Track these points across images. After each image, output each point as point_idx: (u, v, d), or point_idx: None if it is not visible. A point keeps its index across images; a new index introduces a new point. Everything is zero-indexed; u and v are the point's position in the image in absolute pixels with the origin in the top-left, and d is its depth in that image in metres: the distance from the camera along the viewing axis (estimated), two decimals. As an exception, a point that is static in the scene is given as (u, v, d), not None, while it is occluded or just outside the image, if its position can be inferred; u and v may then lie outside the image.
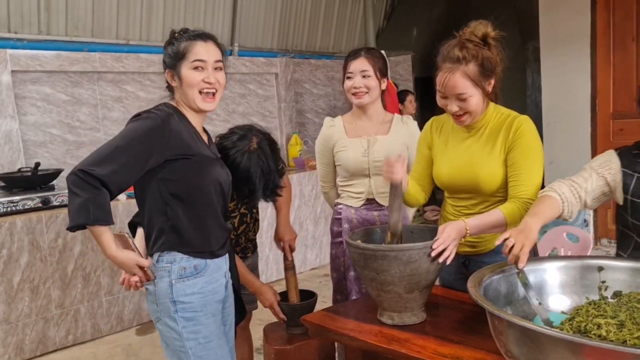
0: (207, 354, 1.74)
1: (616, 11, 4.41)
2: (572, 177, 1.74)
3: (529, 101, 5.92)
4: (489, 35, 1.73)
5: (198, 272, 1.73)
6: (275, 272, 4.75)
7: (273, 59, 5.41)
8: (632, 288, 1.58)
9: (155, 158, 1.63)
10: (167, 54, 1.76)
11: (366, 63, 2.25)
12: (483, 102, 1.77)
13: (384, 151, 2.26)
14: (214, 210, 1.77)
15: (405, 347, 1.54)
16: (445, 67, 1.72)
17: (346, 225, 2.38)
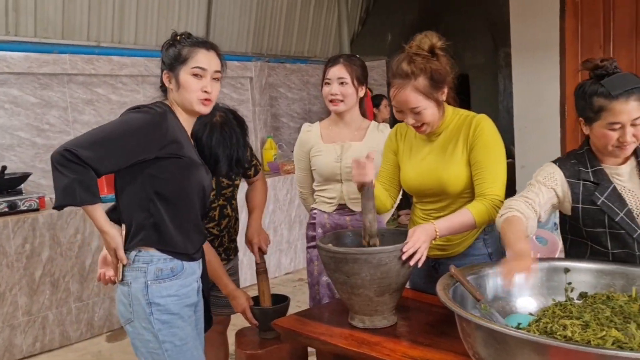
0: (183, 356, 1.73)
1: (584, 19, 4.51)
2: (523, 194, 1.73)
3: (501, 107, 6.01)
4: (436, 46, 1.74)
5: (174, 274, 1.71)
6: (249, 277, 4.71)
7: (248, 62, 5.39)
8: (597, 289, 1.61)
9: (146, 153, 1.63)
10: (167, 55, 1.76)
11: (344, 70, 2.26)
12: (439, 111, 1.79)
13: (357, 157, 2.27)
14: (195, 213, 1.78)
15: (376, 350, 1.54)
16: (395, 83, 1.75)
17: (320, 230, 2.40)
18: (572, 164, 1.73)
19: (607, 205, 1.66)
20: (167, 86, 1.76)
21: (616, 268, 1.62)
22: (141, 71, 4.51)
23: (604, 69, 1.65)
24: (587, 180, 1.69)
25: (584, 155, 1.73)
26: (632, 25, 4.27)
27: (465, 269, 1.61)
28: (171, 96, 1.77)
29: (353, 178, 1.76)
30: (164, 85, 1.78)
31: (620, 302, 1.50)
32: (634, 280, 1.58)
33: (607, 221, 1.66)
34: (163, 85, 1.79)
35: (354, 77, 2.27)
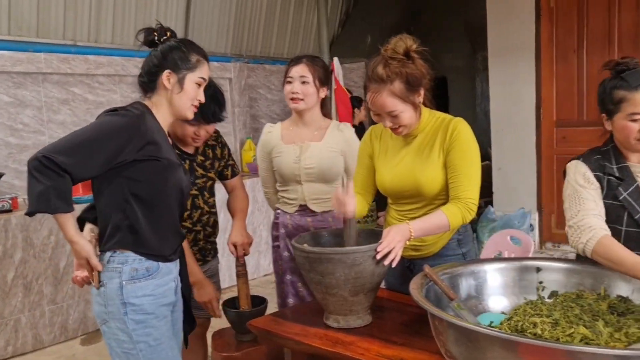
0: (157, 356, 1.72)
1: (559, 24, 4.59)
2: (585, 207, 1.68)
3: (479, 110, 6.07)
4: (411, 49, 1.75)
5: (150, 274, 1.71)
6: (227, 278, 4.69)
7: (227, 63, 5.37)
8: (568, 288, 1.64)
9: (124, 156, 1.62)
10: (171, 56, 1.74)
11: (306, 70, 2.29)
12: (415, 113, 1.81)
13: (316, 158, 2.31)
14: (172, 215, 1.77)
15: (350, 350, 1.55)
16: (372, 87, 1.76)
17: (282, 230, 2.42)
18: (596, 159, 1.77)
19: (628, 201, 1.68)
20: (165, 84, 1.74)
21: (586, 267, 1.65)
22: (118, 71, 4.46)
23: (624, 65, 1.70)
24: (612, 175, 1.72)
25: (609, 152, 1.77)
26: (605, 30, 4.37)
27: (439, 268, 1.63)
28: (162, 96, 1.75)
29: (335, 214, 1.77)
30: (150, 82, 1.75)
31: (590, 300, 1.53)
32: (602, 279, 1.61)
33: (625, 219, 1.68)
34: (149, 82, 1.76)
35: (316, 77, 2.29)
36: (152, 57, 1.76)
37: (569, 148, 4.65)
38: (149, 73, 1.76)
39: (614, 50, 4.32)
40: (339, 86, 4.84)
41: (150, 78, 1.76)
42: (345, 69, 5.58)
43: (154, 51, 1.77)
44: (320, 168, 2.31)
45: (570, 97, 4.60)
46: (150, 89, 1.77)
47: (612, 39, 4.33)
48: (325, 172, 2.32)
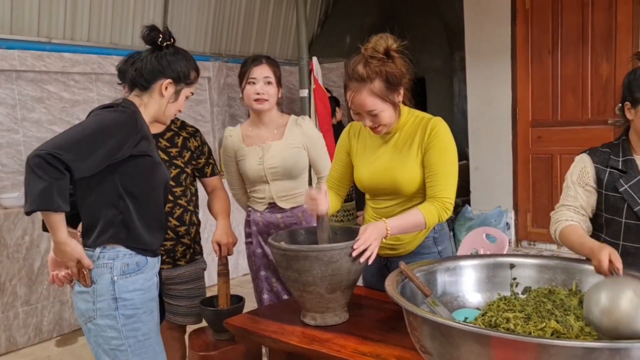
0: (145, 351, 1.73)
1: (534, 25, 4.66)
2: (563, 201, 1.85)
3: (456, 109, 6.14)
4: (391, 48, 1.75)
5: (140, 268, 1.72)
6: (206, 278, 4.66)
7: (206, 62, 5.33)
8: (541, 284, 1.67)
9: (123, 152, 1.63)
10: (176, 69, 1.78)
11: (269, 70, 2.30)
12: (395, 112, 1.81)
13: (278, 157, 2.33)
14: (160, 209, 1.81)
15: (326, 347, 1.56)
16: (352, 86, 1.76)
17: (254, 227, 2.45)
18: (603, 152, 1.84)
19: (629, 193, 1.72)
20: (162, 92, 1.77)
21: (558, 263, 1.69)
22: (94, 69, 4.40)
23: None
24: (615, 168, 1.78)
25: (619, 145, 1.83)
26: (579, 31, 4.45)
27: (415, 265, 1.64)
28: (153, 99, 1.78)
29: (308, 211, 1.78)
30: (147, 82, 1.76)
31: (561, 295, 1.56)
32: (574, 275, 1.65)
33: (625, 211, 1.73)
34: (146, 83, 1.77)
35: (277, 77, 2.33)
36: (154, 60, 1.78)
37: (544, 148, 4.73)
38: (149, 74, 1.77)
39: (588, 50, 4.41)
40: (318, 86, 4.85)
41: (147, 78, 1.78)
42: (324, 69, 5.60)
43: (157, 54, 1.79)
44: (284, 166, 2.33)
45: (545, 98, 4.68)
46: (144, 88, 1.78)
47: (585, 40, 4.42)
48: (289, 169, 2.35)
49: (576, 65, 4.48)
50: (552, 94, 4.63)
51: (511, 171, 4.89)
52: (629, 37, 4.20)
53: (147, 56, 1.80)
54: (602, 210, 1.81)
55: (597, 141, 4.65)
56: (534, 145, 4.79)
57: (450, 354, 1.22)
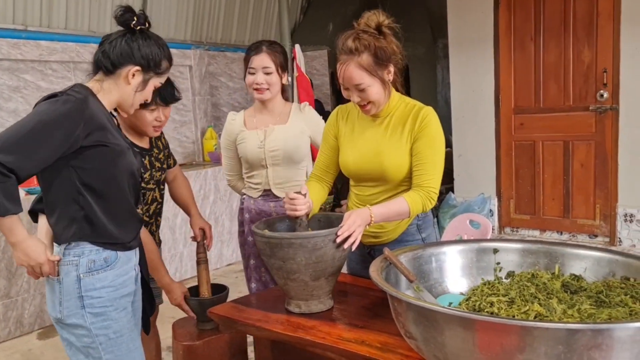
0: (118, 349, 1.68)
1: (517, 12, 4.67)
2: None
3: (440, 97, 6.15)
4: (383, 24, 1.77)
5: (108, 264, 1.66)
6: (190, 269, 4.63)
7: (186, 50, 5.26)
8: (524, 268, 1.68)
9: (71, 145, 1.54)
10: (147, 55, 1.66)
11: (268, 59, 2.28)
12: (384, 91, 1.80)
13: (280, 140, 2.32)
14: (127, 200, 1.72)
15: (311, 334, 1.55)
16: (341, 59, 1.76)
17: (247, 215, 2.45)
18: None
19: None
20: (129, 79, 1.66)
21: (540, 247, 1.69)
22: (72, 57, 4.32)
23: None
24: None
25: None
26: (561, 19, 4.46)
27: (399, 251, 1.64)
28: (117, 85, 1.67)
29: (286, 212, 1.77)
30: (113, 67, 1.65)
31: (544, 279, 1.56)
32: (556, 259, 1.65)
33: None
34: (112, 67, 1.65)
35: (278, 65, 2.30)
36: (124, 44, 1.66)
37: (527, 135, 4.76)
38: (119, 58, 1.65)
39: (569, 37, 4.43)
40: (300, 73, 4.82)
41: (113, 62, 1.65)
42: (307, 57, 5.55)
43: (128, 37, 1.67)
44: (285, 149, 2.32)
45: (528, 85, 4.70)
46: (109, 72, 1.67)
47: (567, 27, 4.43)
48: (290, 154, 2.33)
49: (558, 52, 4.51)
50: (535, 81, 4.65)
51: (494, 158, 4.92)
52: (610, 24, 4.22)
53: (116, 39, 1.67)
54: None
55: (579, 128, 4.74)
56: (516, 132, 4.81)
57: (434, 338, 1.22)
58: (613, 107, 4.30)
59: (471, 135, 5.01)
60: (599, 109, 4.37)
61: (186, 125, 5.37)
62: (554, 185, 4.67)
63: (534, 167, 4.73)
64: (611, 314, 1.32)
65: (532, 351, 1.09)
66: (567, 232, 4.68)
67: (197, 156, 5.44)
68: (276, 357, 1.74)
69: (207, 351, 2.11)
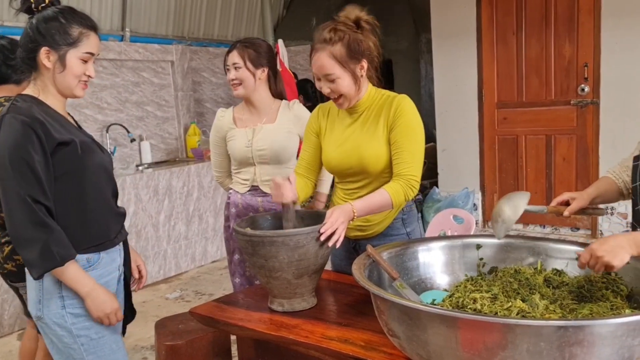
0: (101, 349, 1.66)
1: (499, 7, 4.68)
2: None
3: (423, 92, 6.15)
4: (362, 19, 1.77)
5: (90, 264, 1.63)
6: (174, 266, 4.60)
7: (168, 46, 5.20)
8: (507, 263, 1.68)
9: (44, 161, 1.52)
10: (48, 31, 1.54)
11: (237, 56, 2.32)
12: (355, 85, 1.79)
13: (268, 140, 2.34)
14: (104, 197, 1.68)
15: (294, 333, 1.53)
16: (315, 47, 1.77)
17: (233, 209, 2.46)
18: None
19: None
20: (45, 64, 1.57)
21: (523, 242, 1.70)
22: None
23: None
24: None
25: None
26: (542, 13, 4.49)
27: (382, 248, 1.63)
28: (45, 77, 1.59)
29: (272, 198, 1.76)
30: (29, 59, 1.57)
31: (527, 274, 1.56)
32: (539, 254, 1.66)
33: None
34: (29, 60, 1.58)
35: (246, 60, 2.31)
36: (28, 30, 1.56)
37: (510, 129, 4.79)
38: (26, 49, 1.56)
39: (551, 32, 4.45)
40: (284, 68, 4.78)
41: (28, 55, 1.57)
42: (290, 52, 5.52)
43: (29, 22, 1.57)
44: (272, 149, 2.33)
45: (510, 79, 4.72)
46: (32, 67, 1.60)
47: (549, 22, 4.46)
48: (278, 154, 2.34)
49: (540, 47, 4.53)
50: (517, 76, 4.68)
51: (478, 153, 4.94)
52: (591, 19, 4.26)
53: (24, 29, 1.58)
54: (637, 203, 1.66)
55: (560, 122, 4.78)
56: (499, 126, 4.84)
57: (417, 336, 1.22)
58: (594, 101, 4.34)
59: (455, 129, 5.02)
60: (580, 103, 4.40)
61: (169, 121, 5.31)
62: (537, 179, 4.71)
63: (517, 161, 4.76)
64: (592, 309, 1.32)
65: (514, 348, 1.09)
66: (549, 225, 4.72)
67: (180, 153, 5.38)
68: (260, 356, 1.73)
69: (190, 350, 2.10)
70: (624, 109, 4.22)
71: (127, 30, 4.88)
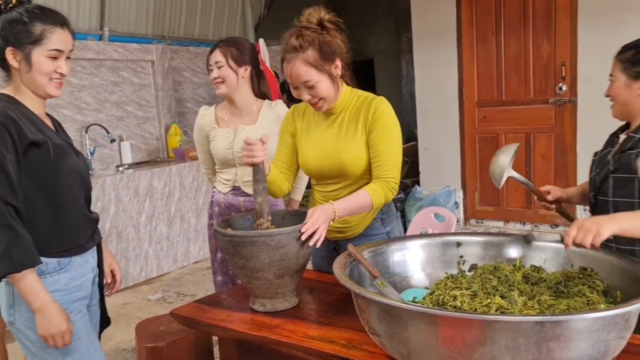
0: (77, 352, 1.63)
1: (478, 7, 4.73)
2: None
3: (404, 91, 6.18)
4: (324, 20, 1.76)
5: (61, 267, 1.61)
6: (155, 267, 4.56)
7: (148, 45, 5.15)
8: (486, 260, 1.69)
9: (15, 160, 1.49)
10: (12, 31, 1.53)
11: (219, 54, 2.32)
12: (333, 86, 1.79)
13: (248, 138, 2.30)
14: (77, 202, 1.65)
15: (276, 333, 1.53)
16: (287, 57, 1.75)
17: (216, 208, 2.47)
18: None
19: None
20: (12, 64, 1.55)
21: (502, 240, 1.71)
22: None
23: None
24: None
25: None
26: (520, 13, 4.54)
27: (363, 246, 1.64)
28: (16, 77, 1.58)
29: (242, 159, 1.73)
30: (2, 61, 1.56)
31: (506, 271, 1.58)
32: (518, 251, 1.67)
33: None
34: (3, 63, 1.57)
35: (228, 58, 2.30)
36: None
37: (490, 127, 4.84)
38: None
39: (529, 31, 4.51)
40: (265, 68, 4.77)
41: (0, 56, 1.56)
42: (271, 51, 5.51)
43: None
44: None
45: (490, 78, 4.77)
46: (4, 68, 1.59)
47: (527, 21, 4.51)
48: None
49: (519, 47, 4.58)
50: (497, 75, 4.73)
51: (459, 151, 4.98)
52: (568, 18, 4.32)
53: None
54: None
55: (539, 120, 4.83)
56: (480, 125, 4.89)
57: (398, 334, 1.22)
58: (571, 100, 4.40)
59: (436, 128, 5.06)
60: (558, 102, 4.47)
61: (149, 121, 5.26)
62: (517, 176, 4.76)
63: (497, 159, 4.80)
64: (569, 304, 1.35)
65: (492, 344, 1.10)
66: (529, 222, 4.79)
67: (162, 153, 5.34)
68: (242, 357, 1.72)
69: (171, 352, 2.08)
70: (601, 108, 4.23)
71: (106, 30, 4.83)
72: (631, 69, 1.69)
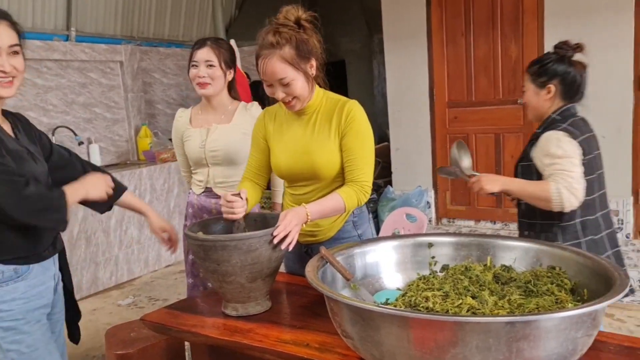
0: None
1: (448, 9, 4.78)
2: None
3: (376, 92, 6.21)
4: (302, 18, 1.75)
5: (18, 275, 1.56)
6: (126, 272, 4.48)
7: (117, 45, 5.06)
8: (457, 261, 1.71)
9: None
10: None
11: (211, 53, 2.25)
12: (308, 85, 1.79)
13: (221, 141, 2.31)
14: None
15: (248, 338, 1.52)
16: (262, 54, 1.73)
17: (190, 209, 2.46)
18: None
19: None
20: None
21: (473, 240, 1.73)
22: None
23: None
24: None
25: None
26: (489, 15, 4.61)
27: (335, 249, 1.63)
28: None
29: (224, 214, 1.73)
30: None
31: (477, 271, 1.60)
32: (488, 250, 1.70)
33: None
34: None
35: (222, 60, 2.27)
36: None
37: (460, 127, 4.89)
38: None
39: (498, 33, 4.58)
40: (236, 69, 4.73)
41: None
42: (243, 52, 5.48)
43: None
44: (225, 151, 2.30)
45: (460, 79, 4.83)
46: None
47: (495, 23, 4.58)
48: (231, 155, 2.31)
49: (487, 48, 4.65)
50: (467, 76, 4.79)
51: (430, 151, 5.03)
52: (535, 21, 4.40)
53: None
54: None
55: (508, 120, 4.91)
56: (450, 125, 4.94)
57: (371, 337, 1.22)
58: (539, 100, 4.48)
59: (407, 129, 5.10)
60: (527, 102, 4.54)
61: (119, 123, 5.17)
62: (487, 176, 4.82)
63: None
64: (539, 303, 1.36)
65: (464, 345, 1.11)
66: (500, 221, 4.86)
67: (132, 155, 5.25)
68: (214, 362, 1.70)
69: (142, 359, 2.04)
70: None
71: (73, 30, 4.73)
72: (537, 79, 2.11)
